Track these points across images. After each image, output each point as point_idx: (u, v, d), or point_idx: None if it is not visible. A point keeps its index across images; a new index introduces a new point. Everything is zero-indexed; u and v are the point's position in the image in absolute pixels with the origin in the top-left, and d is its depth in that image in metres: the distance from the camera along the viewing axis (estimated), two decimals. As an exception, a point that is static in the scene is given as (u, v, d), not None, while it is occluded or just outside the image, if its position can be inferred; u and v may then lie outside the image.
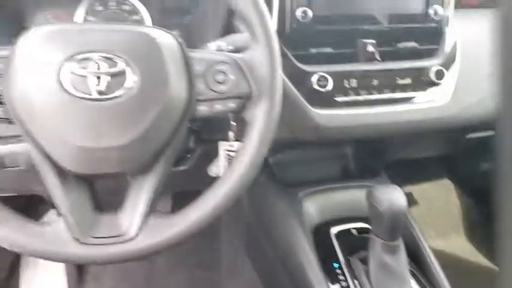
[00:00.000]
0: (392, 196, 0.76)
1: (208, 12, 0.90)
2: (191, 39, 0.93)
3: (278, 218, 0.98)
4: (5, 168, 0.81)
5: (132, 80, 0.52)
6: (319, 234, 0.94)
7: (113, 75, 0.52)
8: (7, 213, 0.53)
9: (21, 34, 0.53)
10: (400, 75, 0.85)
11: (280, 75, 0.60)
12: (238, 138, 0.78)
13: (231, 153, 0.81)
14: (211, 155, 0.86)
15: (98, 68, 0.51)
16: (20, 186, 0.94)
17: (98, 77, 0.51)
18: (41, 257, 0.54)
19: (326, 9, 0.82)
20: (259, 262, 1.12)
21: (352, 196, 1.01)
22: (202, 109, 0.59)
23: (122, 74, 0.52)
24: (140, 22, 0.91)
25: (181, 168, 0.93)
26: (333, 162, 1.07)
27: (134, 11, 0.90)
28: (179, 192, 1.14)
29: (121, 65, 0.52)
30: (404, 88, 0.85)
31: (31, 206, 1.19)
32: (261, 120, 0.59)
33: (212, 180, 0.89)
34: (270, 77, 0.59)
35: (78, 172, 0.55)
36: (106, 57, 0.52)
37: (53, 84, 0.51)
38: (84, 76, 0.51)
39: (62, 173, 0.55)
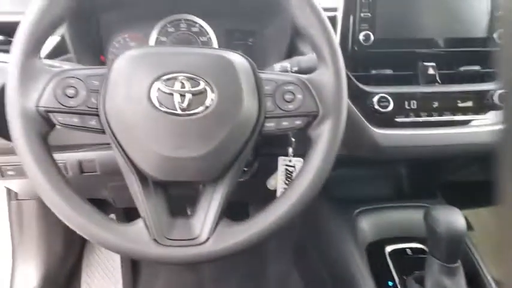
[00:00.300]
0: (451, 217, 0.76)
1: (272, 34, 0.95)
2: (254, 60, 0.98)
3: (331, 234, 0.99)
4: (83, 173, 0.89)
5: (211, 98, 0.58)
6: (373, 252, 0.94)
7: (195, 94, 0.57)
8: (97, 214, 0.59)
9: (108, 55, 0.59)
10: (462, 98, 0.86)
11: (346, 96, 0.63)
12: (297, 154, 0.81)
13: (289, 168, 0.84)
14: (267, 169, 0.90)
15: (183, 87, 0.57)
16: (88, 190, 1.02)
17: (182, 95, 0.57)
18: (123, 254, 0.59)
19: (387, 32, 0.84)
20: (307, 274, 1.14)
21: (407, 216, 1.01)
22: (270, 125, 0.62)
23: (202, 92, 0.57)
24: (207, 43, 0.97)
25: (240, 180, 0.97)
26: (387, 181, 1.08)
27: (202, 32, 0.96)
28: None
29: (202, 85, 0.58)
30: (465, 111, 0.85)
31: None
32: (326, 138, 0.62)
33: (268, 193, 0.92)
34: (337, 98, 0.62)
35: (158, 179, 0.60)
36: (189, 78, 0.57)
37: (143, 100, 0.56)
38: (171, 94, 0.57)
39: (143, 179, 0.60)
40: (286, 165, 0.83)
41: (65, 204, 0.57)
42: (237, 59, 0.62)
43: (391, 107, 0.82)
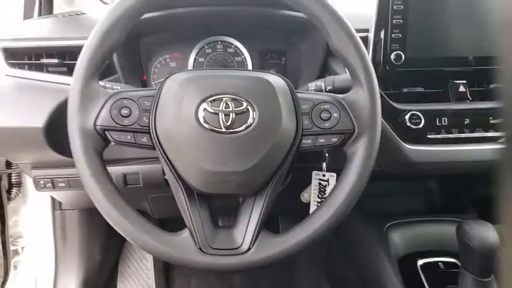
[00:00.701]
0: (484, 232, 0.77)
1: (305, 54, 0.98)
2: (288, 78, 1.01)
3: (363, 246, 1.01)
4: (127, 185, 0.95)
5: (252, 117, 0.62)
6: (405, 265, 0.95)
7: (238, 113, 0.62)
8: (147, 224, 0.64)
9: (150, 75, 0.64)
10: (494, 115, 0.86)
11: (380, 115, 0.66)
12: (330, 168, 0.84)
13: (323, 183, 0.87)
14: (300, 182, 0.92)
15: (227, 107, 0.61)
16: (131, 201, 1.07)
17: (227, 115, 0.61)
18: (171, 262, 0.64)
19: (418, 52, 0.87)
20: (338, 286, 1.15)
21: (439, 230, 1.02)
22: (307, 142, 0.66)
23: (245, 112, 0.62)
24: (242, 63, 1.01)
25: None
26: (419, 195, 1.09)
27: (237, 53, 1.01)
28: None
29: (244, 105, 0.62)
30: (497, 127, 0.86)
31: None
32: (361, 155, 0.65)
33: (300, 206, 0.95)
34: (371, 116, 0.65)
35: (203, 191, 0.65)
36: (233, 99, 0.62)
37: (191, 120, 0.61)
38: (216, 113, 0.61)
39: (189, 191, 0.65)
40: (320, 179, 0.86)
41: (119, 214, 0.62)
42: (275, 80, 0.66)
43: (422, 123, 0.84)
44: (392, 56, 0.85)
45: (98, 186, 0.61)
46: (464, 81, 0.89)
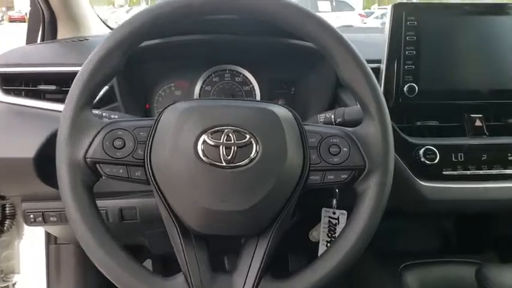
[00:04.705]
0: (504, 277, 0.73)
1: (315, 85, 0.95)
2: (297, 109, 0.99)
3: (376, 288, 0.95)
4: (124, 221, 0.90)
5: (255, 150, 0.58)
6: (421, 311, 0.89)
7: (240, 146, 0.57)
8: (136, 266, 0.59)
9: (153, 104, 0.61)
10: None
11: (392, 150, 0.62)
12: (340, 205, 0.80)
13: (333, 221, 0.82)
14: (309, 220, 0.88)
15: (228, 140, 0.57)
16: (127, 236, 1.03)
17: (228, 148, 0.57)
18: None
19: (432, 84, 0.84)
20: None
21: (457, 272, 0.96)
22: (315, 178, 0.62)
23: (248, 145, 0.58)
24: (250, 92, 0.98)
25: None
26: (435, 234, 1.05)
27: (245, 82, 0.98)
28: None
29: (247, 137, 0.58)
30: None
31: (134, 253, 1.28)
32: (373, 194, 0.60)
33: (310, 245, 0.90)
34: (384, 151, 0.61)
35: (200, 232, 0.60)
36: (235, 130, 0.58)
37: (189, 153, 0.57)
38: (216, 146, 0.57)
39: (185, 231, 0.60)
40: (330, 217, 0.82)
41: (105, 254, 0.57)
42: (281, 111, 0.62)
43: (438, 159, 0.80)
44: (405, 88, 0.82)
45: (83, 224, 0.57)
46: (481, 115, 0.86)
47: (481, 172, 0.82)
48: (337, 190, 0.79)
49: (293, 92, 1.00)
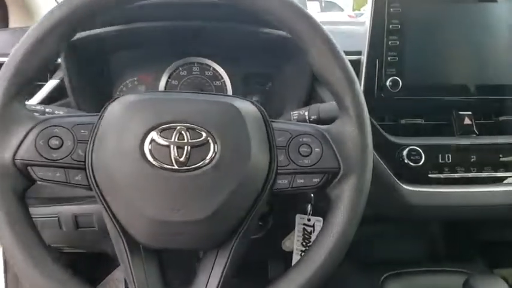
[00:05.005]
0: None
1: (291, 79, 0.88)
2: (272, 106, 0.92)
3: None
4: (79, 228, 0.82)
5: (213, 151, 0.50)
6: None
7: (194, 146, 0.50)
8: (69, 278, 0.51)
9: (108, 100, 0.54)
10: (504, 151, 0.78)
11: (371, 151, 0.55)
12: (316, 211, 0.74)
13: (308, 228, 0.77)
14: (284, 226, 0.83)
15: (181, 138, 0.50)
16: (91, 244, 0.95)
17: (180, 148, 0.49)
18: None
19: (417, 78, 0.78)
20: None
21: (443, 283, 0.91)
22: (283, 183, 0.54)
23: (203, 145, 0.50)
24: (221, 88, 0.91)
25: (253, 237, 0.89)
26: (419, 240, 1.01)
27: (216, 76, 0.91)
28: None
29: (203, 136, 0.50)
30: (508, 166, 0.77)
31: (101, 261, 1.19)
32: (348, 200, 0.53)
33: (284, 254, 0.83)
34: (361, 152, 0.54)
35: (149, 246, 0.53)
36: (189, 128, 0.50)
37: (134, 154, 0.49)
38: (167, 146, 0.49)
39: (132, 244, 0.53)
40: (304, 224, 0.76)
41: (34, 270, 0.49)
42: (244, 106, 0.55)
43: (423, 161, 0.75)
44: (388, 82, 0.77)
45: (12, 237, 0.49)
46: (470, 113, 0.80)
47: (470, 175, 0.78)
48: (312, 195, 0.73)
49: (268, 88, 0.93)
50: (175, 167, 0.49)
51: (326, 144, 0.55)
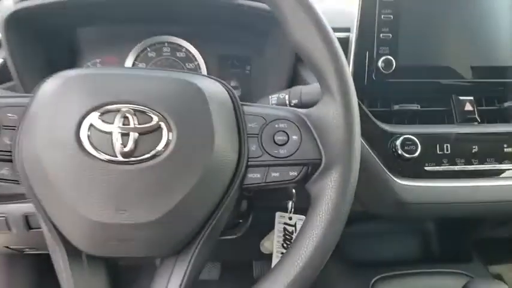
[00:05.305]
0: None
1: (272, 61, 0.82)
2: (252, 91, 0.84)
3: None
4: (31, 229, 0.74)
5: (167, 139, 0.43)
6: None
7: (143, 133, 0.42)
8: None
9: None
10: (508, 141, 0.72)
11: (358, 139, 0.47)
12: (299, 209, 0.69)
13: (289, 228, 0.72)
14: (265, 223, 0.76)
15: (126, 123, 0.42)
16: (43, 246, 0.88)
17: (125, 135, 0.41)
18: None
19: (413, 58, 0.72)
20: None
21: (439, 286, 0.87)
22: (255, 177, 0.48)
23: (155, 131, 0.42)
24: (195, 71, 0.84)
25: (230, 237, 0.83)
26: (413, 239, 0.96)
27: (189, 58, 0.84)
28: (228, 260, 1.05)
29: (155, 120, 0.43)
30: None
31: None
32: (331, 196, 0.46)
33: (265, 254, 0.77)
34: (346, 141, 0.46)
35: (92, 253, 0.45)
36: (137, 110, 0.42)
37: (70, 142, 0.41)
38: (108, 133, 0.41)
39: (72, 251, 0.45)
40: (285, 223, 0.71)
41: None
42: (209, 85, 0.47)
43: (418, 151, 0.69)
44: (380, 63, 0.71)
45: None
46: (471, 98, 0.74)
47: (471, 167, 0.72)
48: (293, 190, 0.67)
49: (248, 72, 0.86)
50: (120, 158, 0.41)
51: (305, 131, 0.48)
